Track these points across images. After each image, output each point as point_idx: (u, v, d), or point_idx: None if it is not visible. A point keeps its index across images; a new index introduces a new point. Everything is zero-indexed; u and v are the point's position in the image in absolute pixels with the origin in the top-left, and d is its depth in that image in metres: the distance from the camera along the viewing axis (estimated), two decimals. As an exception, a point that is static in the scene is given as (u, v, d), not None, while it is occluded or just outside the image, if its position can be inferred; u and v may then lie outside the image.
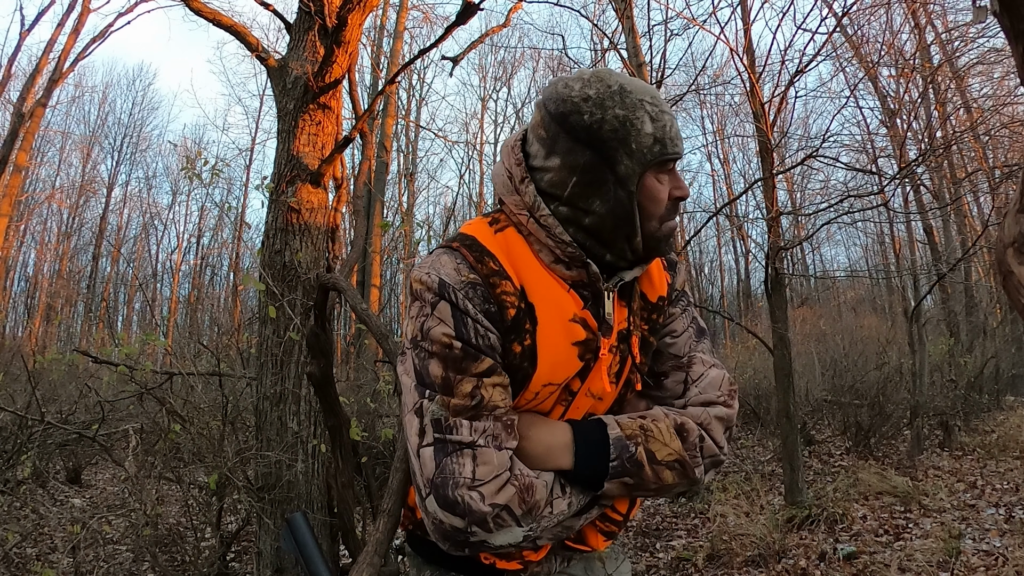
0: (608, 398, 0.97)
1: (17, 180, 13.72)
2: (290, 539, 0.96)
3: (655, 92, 0.91)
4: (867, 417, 6.25)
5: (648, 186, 0.89)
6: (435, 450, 0.81)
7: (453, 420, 0.81)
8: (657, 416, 0.92)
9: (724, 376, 1.00)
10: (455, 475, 0.79)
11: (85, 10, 13.01)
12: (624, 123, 0.85)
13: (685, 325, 1.04)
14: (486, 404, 0.82)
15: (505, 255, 0.89)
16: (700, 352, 1.03)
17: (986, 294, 11.77)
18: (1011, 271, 0.94)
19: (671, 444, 0.89)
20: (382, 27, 13.16)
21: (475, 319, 0.83)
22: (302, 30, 3.61)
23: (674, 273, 1.07)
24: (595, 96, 0.86)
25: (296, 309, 3.02)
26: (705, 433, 0.92)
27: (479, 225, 0.93)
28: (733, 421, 0.97)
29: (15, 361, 7.81)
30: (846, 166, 6.44)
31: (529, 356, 0.87)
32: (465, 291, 0.84)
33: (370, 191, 10.52)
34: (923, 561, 3.35)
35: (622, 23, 6.41)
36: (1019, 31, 0.86)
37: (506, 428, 0.83)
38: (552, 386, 0.89)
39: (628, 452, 0.86)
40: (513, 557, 0.93)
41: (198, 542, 3.21)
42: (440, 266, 0.86)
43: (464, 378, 0.82)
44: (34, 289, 21.67)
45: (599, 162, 0.86)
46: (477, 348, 0.83)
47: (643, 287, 1.00)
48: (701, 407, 0.95)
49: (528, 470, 0.83)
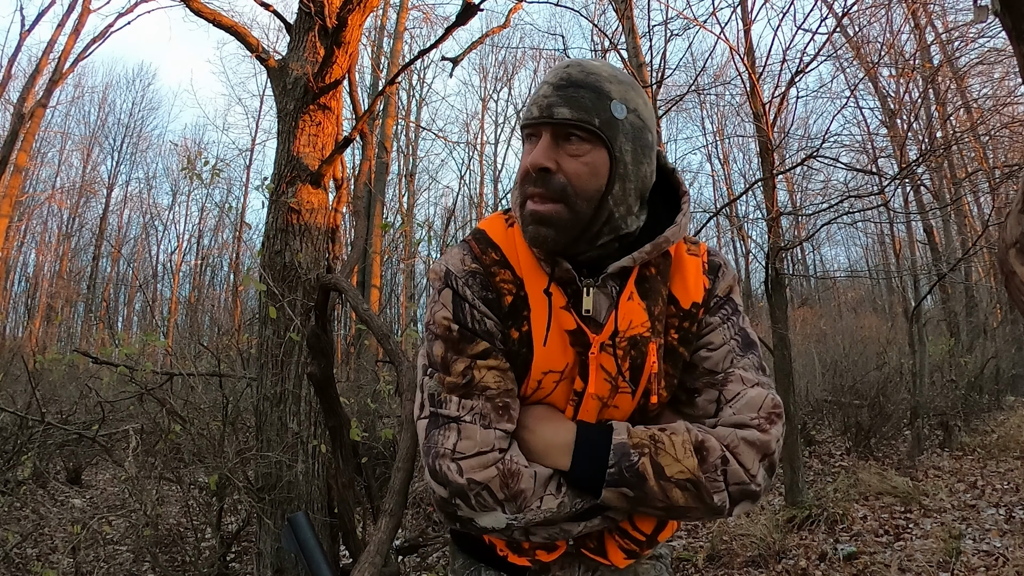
0: (624, 405, 0.91)
1: (17, 180, 13.72)
2: (292, 539, 0.96)
3: (562, 64, 0.89)
4: (867, 417, 6.25)
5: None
6: (428, 423, 0.87)
7: (445, 395, 0.86)
8: (676, 429, 0.86)
9: (766, 397, 0.89)
10: (438, 445, 0.84)
11: (85, 10, 13.01)
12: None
13: (725, 338, 0.94)
14: (477, 384, 0.85)
15: (511, 248, 0.93)
16: (741, 369, 0.92)
17: (986, 294, 11.77)
18: (1013, 271, 0.94)
19: (684, 461, 0.82)
20: (382, 27, 13.16)
21: (472, 304, 0.88)
22: (302, 31, 3.61)
23: (715, 278, 0.96)
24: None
25: (296, 310, 3.02)
26: (731, 456, 0.84)
27: (494, 220, 0.97)
28: (771, 449, 0.86)
29: (15, 361, 7.81)
30: (846, 166, 6.44)
31: (526, 342, 0.88)
32: (466, 279, 0.89)
33: (370, 192, 10.52)
34: (923, 561, 3.34)
35: (622, 23, 6.42)
36: (1020, 31, 0.86)
37: (496, 409, 0.85)
38: (554, 374, 0.89)
39: (628, 461, 0.82)
40: (523, 553, 0.93)
41: (198, 542, 3.21)
42: (450, 257, 0.93)
43: (459, 358, 0.87)
44: (34, 289, 21.68)
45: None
46: (473, 332, 0.87)
47: (674, 290, 0.94)
48: (731, 428, 0.87)
49: (520, 458, 0.84)
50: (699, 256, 0.97)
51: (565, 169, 0.85)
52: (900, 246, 13.12)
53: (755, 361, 0.93)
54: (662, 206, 0.96)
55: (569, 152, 0.85)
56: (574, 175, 0.85)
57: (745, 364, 0.92)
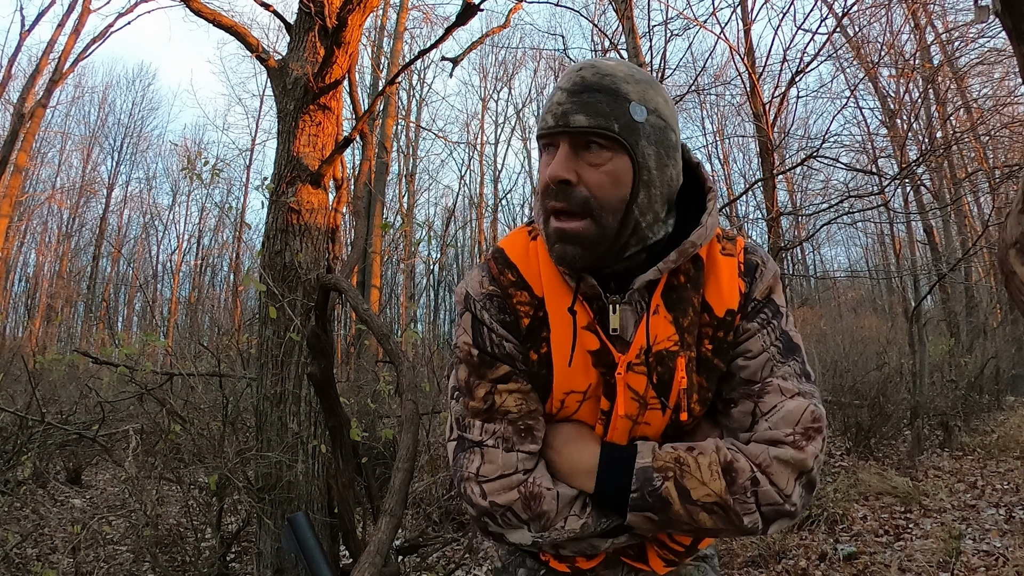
0: (656, 422, 0.88)
1: (17, 181, 13.73)
2: (292, 539, 0.96)
3: (574, 67, 0.85)
4: (867, 417, 6.24)
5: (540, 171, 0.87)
6: (456, 446, 0.89)
7: (469, 420, 0.88)
8: (705, 449, 0.82)
9: (806, 409, 0.83)
10: (463, 468, 0.86)
11: (85, 10, 13.02)
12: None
13: (764, 344, 0.87)
14: (498, 408, 0.86)
15: (529, 265, 0.90)
16: (779, 378, 0.85)
17: (986, 294, 11.77)
18: (1013, 271, 0.94)
19: (710, 484, 0.79)
20: (382, 28, 13.17)
21: (491, 328, 0.88)
22: (302, 31, 3.61)
23: (752, 280, 0.89)
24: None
25: (296, 310, 3.02)
26: (763, 476, 0.80)
27: (516, 236, 0.95)
28: (808, 466, 0.81)
29: (15, 361, 7.81)
30: (846, 166, 6.46)
31: (547, 363, 0.87)
32: (483, 302, 0.89)
33: (370, 192, 10.52)
34: (923, 561, 3.34)
35: (622, 23, 6.42)
36: (1020, 31, 0.86)
37: (518, 432, 0.85)
38: (576, 394, 0.87)
39: (651, 486, 0.80)
40: (562, 559, 0.94)
41: (198, 543, 3.21)
42: (470, 280, 0.92)
43: (481, 383, 0.87)
44: (34, 289, 21.68)
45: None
46: (493, 356, 0.87)
47: (708, 296, 0.87)
48: (764, 445, 0.82)
49: (544, 480, 0.84)
50: (734, 256, 0.90)
51: (586, 180, 0.81)
52: (900, 246, 13.13)
53: (797, 368, 0.87)
54: (691, 204, 0.91)
55: (589, 161, 0.81)
56: (596, 186, 0.81)
57: (785, 372, 0.86)
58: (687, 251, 0.84)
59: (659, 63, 6.00)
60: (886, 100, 10.01)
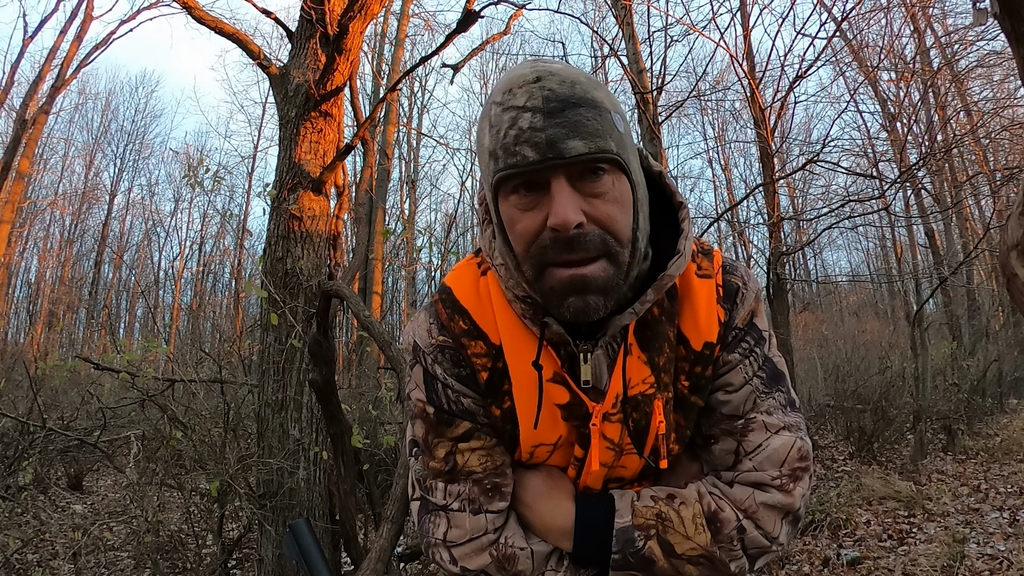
0: (633, 465, 0.82)
1: (20, 187, 13.78)
2: (293, 545, 0.96)
3: (521, 78, 0.67)
4: (870, 422, 6.23)
5: (504, 216, 0.71)
6: (420, 507, 0.83)
7: (431, 482, 0.81)
8: (687, 499, 0.77)
9: (792, 446, 0.77)
10: (429, 534, 0.80)
11: (88, 17, 13.10)
12: (478, 140, 0.72)
13: (747, 376, 0.79)
14: (461, 469, 0.79)
15: (483, 308, 0.79)
16: (763, 413, 0.79)
17: (988, 297, 11.75)
18: (1015, 274, 0.94)
19: (695, 538, 0.75)
20: (383, 35, 13.23)
21: (445, 383, 0.79)
22: (304, 38, 3.63)
23: (732, 306, 0.79)
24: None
25: (298, 316, 3.02)
26: (749, 522, 0.76)
27: (463, 270, 0.83)
28: (795, 507, 0.76)
29: (17, 367, 7.82)
30: (847, 171, 6.47)
31: (511, 418, 0.79)
32: (434, 355, 0.80)
33: (372, 198, 10.55)
34: (927, 566, 3.33)
35: (622, 30, 6.44)
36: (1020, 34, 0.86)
37: (485, 492, 0.79)
38: (546, 446, 0.80)
39: (634, 547, 0.75)
40: None
41: (199, 549, 3.20)
42: (417, 326, 0.82)
43: (441, 441, 0.80)
44: (36, 295, 21.70)
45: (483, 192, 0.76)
46: (451, 413, 0.79)
47: (683, 327, 0.78)
48: (749, 488, 0.77)
49: (516, 538, 0.79)
50: (711, 277, 0.80)
51: (597, 216, 0.67)
52: (901, 250, 13.11)
53: (782, 399, 0.80)
54: (659, 218, 0.80)
55: (592, 192, 0.67)
56: (608, 220, 0.67)
57: (769, 406, 0.79)
58: (664, 286, 0.73)
59: (659, 69, 6.02)
60: (886, 104, 10.02)
